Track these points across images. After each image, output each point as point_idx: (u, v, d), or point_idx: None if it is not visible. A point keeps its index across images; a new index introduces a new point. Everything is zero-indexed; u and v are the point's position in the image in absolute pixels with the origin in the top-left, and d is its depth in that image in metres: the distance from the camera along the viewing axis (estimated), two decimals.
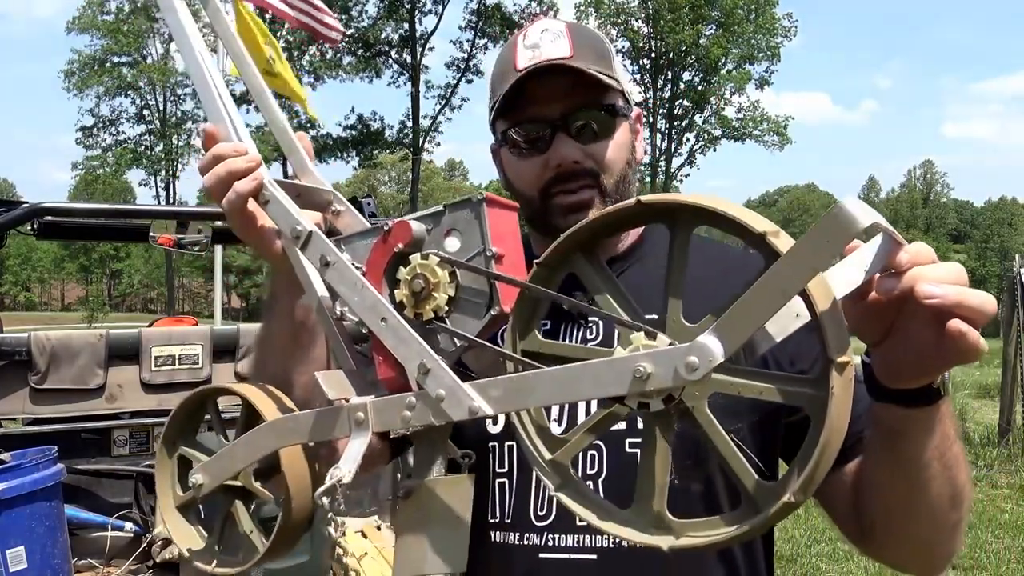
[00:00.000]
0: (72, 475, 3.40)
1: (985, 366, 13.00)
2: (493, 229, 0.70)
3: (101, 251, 69.86)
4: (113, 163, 45.32)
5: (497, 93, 1.12)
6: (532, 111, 1.10)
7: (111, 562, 3.50)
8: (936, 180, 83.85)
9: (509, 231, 0.74)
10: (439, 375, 0.69)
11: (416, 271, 0.71)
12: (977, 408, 10.06)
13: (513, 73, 1.08)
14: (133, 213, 4.59)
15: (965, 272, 0.72)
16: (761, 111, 39.01)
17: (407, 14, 35.46)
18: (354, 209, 0.88)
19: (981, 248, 76.32)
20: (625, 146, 1.14)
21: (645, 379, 0.59)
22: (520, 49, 1.10)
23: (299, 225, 0.79)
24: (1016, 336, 7.72)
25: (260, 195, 0.84)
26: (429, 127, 36.97)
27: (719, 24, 36.68)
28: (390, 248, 0.73)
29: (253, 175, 0.85)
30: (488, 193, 0.72)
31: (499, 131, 1.16)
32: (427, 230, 0.72)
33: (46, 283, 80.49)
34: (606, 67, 1.11)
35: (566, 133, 1.09)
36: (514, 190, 1.16)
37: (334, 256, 0.76)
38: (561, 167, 1.10)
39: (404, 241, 0.72)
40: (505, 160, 1.17)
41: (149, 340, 3.79)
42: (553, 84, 1.08)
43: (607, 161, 1.11)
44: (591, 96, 1.10)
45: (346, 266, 0.75)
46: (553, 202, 1.12)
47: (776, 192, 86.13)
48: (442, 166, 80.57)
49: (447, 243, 0.71)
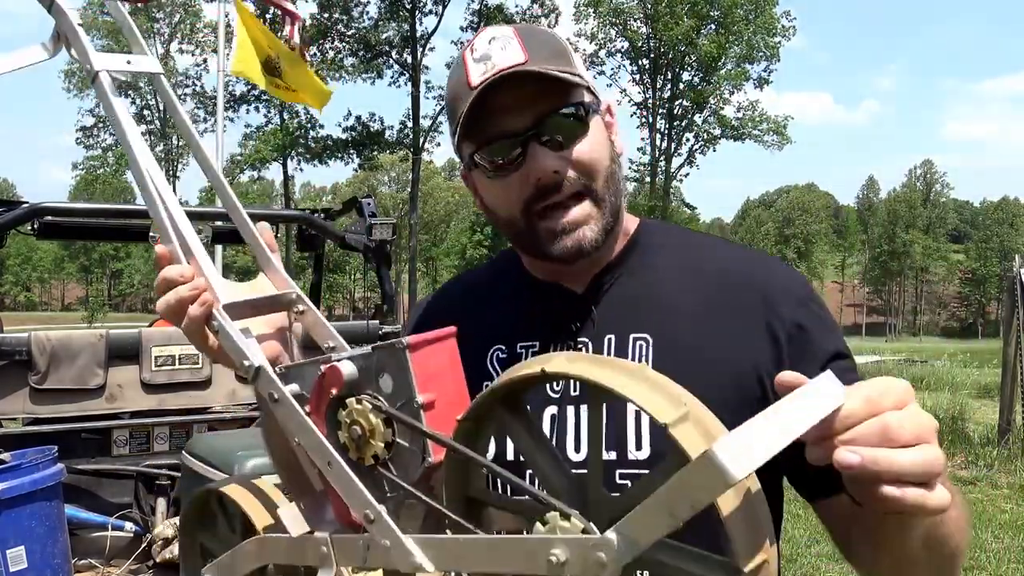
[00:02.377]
0: (72, 475, 3.40)
1: (985, 366, 13.00)
2: (420, 374, 0.69)
3: (101, 251, 69.86)
4: (113, 163, 45.34)
5: (456, 116, 1.03)
6: (497, 127, 1.02)
7: (111, 562, 3.51)
8: (936, 180, 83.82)
9: (445, 364, 0.73)
10: (383, 526, 0.68)
11: (353, 416, 0.71)
12: (977, 408, 10.05)
13: (468, 91, 1.00)
14: (133, 213, 4.59)
15: (919, 421, 0.67)
16: (760, 110, 39.04)
17: (408, 14, 35.47)
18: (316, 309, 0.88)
19: (981, 248, 76.40)
20: (603, 143, 1.07)
21: (560, 565, 0.57)
22: (470, 64, 1.02)
23: (246, 360, 0.78)
24: (1016, 336, 7.72)
25: (210, 323, 0.84)
26: (429, 127, 36.97)
27: (719, 24, 36.67)
28: (327, 392, 0.72)
29: (200, 300, 0.84)
30: (411, 338, 0.69)
31: (466, 155, 1.08)
32: (360, 369, 0.71)
33: (46, 283, 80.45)
34: (565, 64, 1.03)
35: (539, 143, 1.01)
36: (493, 215, 1.10)
37: (279, 393, 0.75)
38: (541, 180, 1.02)
39: (337, 387, 0.71)
40: (478, 185, 1.10)
41: (149, 340, 3.79)
42: (514, 94, 1.00)
43: (589, 163, 1.04)
44: (557, 98, 1.02)
45: (291, 406, 0.74)
46: (540, 225, 1.04)
47: (776, 192, 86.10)
48: (442, 166, 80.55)
49: (382, 383, 0.70)
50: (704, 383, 0.91)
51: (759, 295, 1.05)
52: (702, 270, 1.10)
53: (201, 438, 3.22)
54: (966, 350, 18.90)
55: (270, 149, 35.31)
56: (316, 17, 35.90)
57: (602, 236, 1.04)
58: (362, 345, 0.78)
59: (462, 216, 74.29)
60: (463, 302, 1.22)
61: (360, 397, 0.71)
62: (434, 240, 73.29)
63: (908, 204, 78.75)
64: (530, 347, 1.10)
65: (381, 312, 4.24)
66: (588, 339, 1.07)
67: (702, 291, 1.07)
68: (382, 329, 4.12)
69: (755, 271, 1.09)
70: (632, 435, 1.00)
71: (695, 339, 1.04)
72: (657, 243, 1.14)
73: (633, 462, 1.00)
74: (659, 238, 1.15)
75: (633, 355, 1.04)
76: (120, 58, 0.89)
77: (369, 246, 4.29)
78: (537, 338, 1.10)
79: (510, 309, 1.15)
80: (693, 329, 1.04)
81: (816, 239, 77.13)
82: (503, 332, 1.13)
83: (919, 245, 76.82)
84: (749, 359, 1.02)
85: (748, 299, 1.05)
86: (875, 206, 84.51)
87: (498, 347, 1.12)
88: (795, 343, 1.03)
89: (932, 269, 78.91)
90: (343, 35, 36.25)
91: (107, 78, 0.87)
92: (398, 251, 39.18)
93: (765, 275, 1.08)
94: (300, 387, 0.77)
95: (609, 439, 1.01)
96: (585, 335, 1.08)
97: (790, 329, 1.03)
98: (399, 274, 41.88)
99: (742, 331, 1.04)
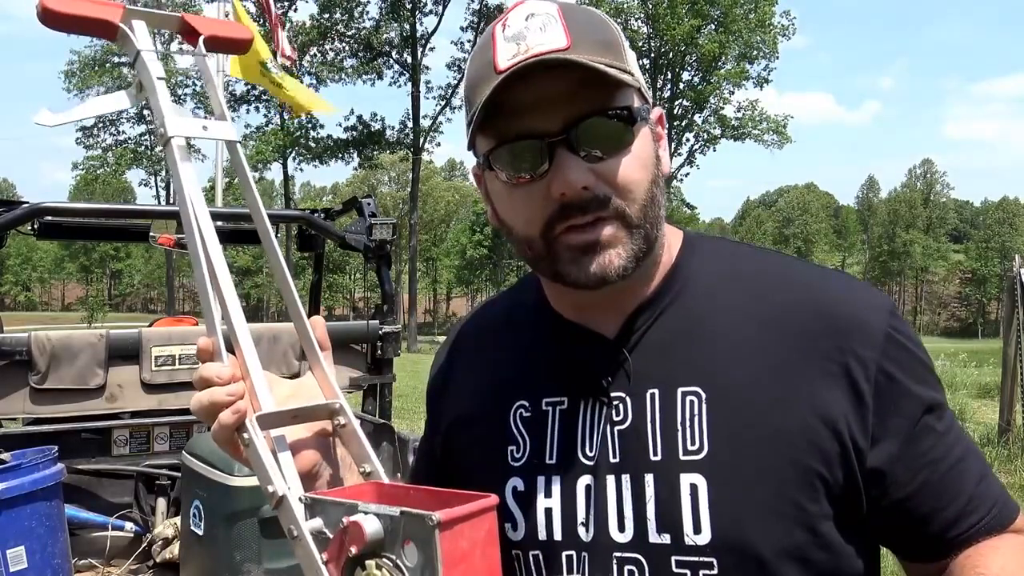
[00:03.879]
0: (72, 475, 3.40)
1: (985, 366, 12.99)
2: (448, 554, 0.63)
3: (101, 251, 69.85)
4: (113, 163, 45.32)
5: (475, 103, 0.85)
6: (523, 124, 0.83)
7: (111, 562, 3.50)
8: (936, 180, 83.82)
9: (479, 540, 0.66)
10: None
11: None
12: (977, 408, 10.04)
13: (493, 75, 0.82)
14: (133, 213, 4.60)
15: None
16: (760, 110, 39.05)
17: (408, 14, 35.47)
18: (358, 427, 0.82)
19: (981, 248, 76.34)
20: (648, 159, 0.87)
21: None
22: (500, 43, 0.84)
23: (271, 486, 0.74)
24: (1016, 336, 7.71)
25: (241, 434, 0.76)
26: (430, 127, 36.98)
27: (718, 23, 36.66)
28: (346, 548, 0.67)
29: (234, 408, 0.75)
30: (444, 514, 0.63)
31: (481, 151, 0.89)
32: (386, 531, 0.66)
33: (46, 283, 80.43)
34: (616, 57, 0.84)
35: (569, 150, 0.83)
36: (506, 227, 0.91)
37: (299, 531, 0.71)
38: (566, 196, 0.83)
39: (358, 546, 0.66)
40: (491, 188, 0.91)
41: (149, 340, 3.79)
42: (548, 86, 0.82)
43: (626, 182, 0.84)
44: (599, 98, 0.83)
45: (309, 549, 0.70)
46: (560, 242, 0.85)
47: (776, 192, 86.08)
48: (442, 166, 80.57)
49: (406, 553, 0.65)
50: (771, 445, 0.84)
51: (834, 331, 0.86)
52: (761, 299, 0.90)
53: (201, 438, 3.22)
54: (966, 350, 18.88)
55: (270, 149, 35.31)
56: (316, 17, 35.89)
57: (632, 263, 0.85)
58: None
59: (462, 216, 74.27)
60: (485, 343, 1.06)
61: (381, 562, 0.65)
62: (434, 240, 73.26)
63: (908, 204, 78.76)
64: (557, 403, 0.93)
65: (381, 312, 4.23)
66: (625, 394, 0.89)
67: (763, 328, 0.88)
68: (382, 329, 4.12)
69: (827, 298, 0.88)
70: (688, 516, 0.83)
71: (756, 391, 0.85)
72: (705, 269, 0.94)
73: (691, 547, 0.83)
74: (705, 261, 0.95)
75: (684, 414, 0.86)
76: (196, 124, 0.82)
77: (369, 246, 4.28)
78: (565, 393, 0.93)
79: (532, 355, 0.98)
80: (753, 378, 0.86)
81: (816, 239, 77.13)
82: (526, 384, 0.96)
83: (919, 245, 76.81)
84: (825, 412, 0.83)
85: (819, 337, 0.86)
86: (875, 206, 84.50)
87: (522, 403, 0.96)
88: (882, 396, 0.84)
89: (932, 269, 78.88)
90: (343, 35, 36.23)
91: (179, 143, 0.81)
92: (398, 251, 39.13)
93: (841, 304, 0.87)
94: (323, 523, 0.71)
95: (660, 519, 0.84)
96: (621, 390, 0.89)
97: (876, 377, 0.84)
98: (399, 274, 41.85)
99: (814, 377, 0.84)
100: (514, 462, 0.94)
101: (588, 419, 0.91)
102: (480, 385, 1.02)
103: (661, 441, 0.86)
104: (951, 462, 0.87)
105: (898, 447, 0.84)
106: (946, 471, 0.86)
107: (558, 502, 0.90)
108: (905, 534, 0.88)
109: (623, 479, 0.87)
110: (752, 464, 0.83)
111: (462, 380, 1.06)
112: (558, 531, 0.90)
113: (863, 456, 0.84)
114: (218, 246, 0.80)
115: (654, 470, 0.86)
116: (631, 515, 0.86)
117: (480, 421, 1.00)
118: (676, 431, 0.86)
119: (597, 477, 0.88)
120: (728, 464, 0.84)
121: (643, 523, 0.85)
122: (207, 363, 0.78)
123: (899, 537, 0.89)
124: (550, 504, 0.91)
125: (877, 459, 0.84)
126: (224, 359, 0.79)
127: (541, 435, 0.94)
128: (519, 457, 0.94)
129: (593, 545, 0.88)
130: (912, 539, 0.89)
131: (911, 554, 0.90)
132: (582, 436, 0.91)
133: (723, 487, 0.83)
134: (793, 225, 77.25)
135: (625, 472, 0.87)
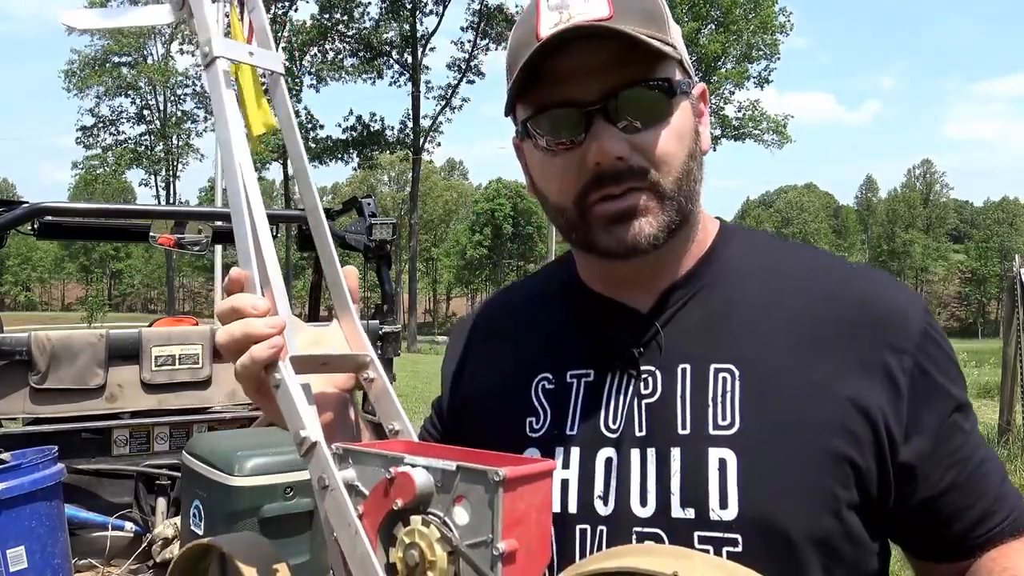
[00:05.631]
0: (72, 475, 3.40)
1: (985, 366, 12.99)
2: (508, 517, 0.58)
3: (101, 251, 69.88)
4: (113, 163, 45.33)
5: (515, 70, 0.85)
6: (561, 92, 0.84)
7: (111, 562, 3.50)
8: (936, 180, 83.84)
9: (534, 506, 0.61)
10: None
11: (414, 539, 0.61)
12: (977, 408, 10.02)
13: (534, 42, 0.82)
14: (133, 213, 4.60)
15: None
16: (760, 110, 39.04)
17: (408, 14, 35.47)
18: (387, 379, 0.78)
19: (981, 248, 76.34)
20: (685, 133, 0.87)
21: None
22: (543, 11, 0.83)
23: (303, 430, 0.69)
24: (1016, 336, 7.72)
25: (272, 372, 0.72)
26: (430, 127, 36.98)
27: (718, 23, 36.66)
28: (389, 500, 0.62)
29: (271, 342, 0.72)
30: (509, 471, 0.58)
31: (520, 119, 0.90)
32: (436, 486, 0.61)
33: (46, 283, 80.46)
34: (658, 29, 0.83)
35: (607, 120, 0.83)
36: (541, 196, 0.92)
37: (333, 482, 0.66)
38: (601, 165, 0.83)
39: (405, 499, 0.61)
40: (529, 157, 0.92)
41: (149, 340, 3.79)
42: (588, 55, 0.82)
43: (662, 154, 0.84)
44: (639, 69, 0.83)
45: (343, 500, 0.65)
46: (593, 211, 0.86)
47: (776, 192, 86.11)
48: (442, 166, 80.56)
49: (456, 512, 0.60)
50: (805, 427, 0.83)
51: (872, 323, 0.85)
52: (799, 290, 0.90)
53: (201, 438, 3.22)
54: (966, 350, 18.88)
55: (270, 149, 35.31)
56: (316, 17, 35.89)
57: (663, 233, 0.85)
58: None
59: (461, 216, 74.28)
60: (511, 318, 1.05)
61: (428, 519, 0.60)
62: (434, 240, 73.27)
63: (908, 204, 78.79)
64: (583, 376, 0.92)
65: (381, 312, 4.24)
66: (655, 368, 0.88)
67: (800, 316, 0.87)
68: (382, 329, 4.13)
69: (866, 292, 0.88)
70: (716, 490, 0.81)
71: (792, 374, 0.84)
72: (741, 254, 0.94)
73: (716, 523, 0.81)
74: (743, 248, 0.95)
75: (716, 389, 0.85)
76: (243, 48, 0.78)
77: (369, 246, 4.28)
78: (592, 365, 0.92)
79: (560, 328, 0.97)
80: (789, 360, 0.85)
81: (816, 239, 77.15)
82: (552, 357, 0.95)
83: (919, 245, 76.83)
84: (860, 397, 0.83)
85: (858, 327, 0.86)
86: (874, 206, 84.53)
87: (545, 376, 0.94)
88: (917, 389, 0.84)
89: (932, 269, 78.88)
90: (343, 35, 36.23)
91: (223, 66, 0.77)
92: (398, 251, 39.16)
93: (879, 296, 0.88)
94: (357, 476, 0.66)
95: (685, 493, 0.83)
96: (651, 363, 0.89)
97: (911, 370, 0.84)
98: (399, 274, 41.87)
99: (851, 365, 0.84)
100: (532, 433, 0.93)
101: (615, 392, 0.90)
102: (503, 360, 1.00)
103: (691, 415, 0.85)
104: (977, 462, 0.87)
105: (930, 444, 0.85)
106: (973, 470, 0.87)
107: (576, 474, 0.88)
108: (929, 532, 0.88)
109: (648, 452, 0.86)
110: (784, 444, 0.82)
111: (484, 356, 1.04)
112: (573, 503, 0.88)
113: (896, 448, 0.83)
114: (254, 176, 0.77)
115: (681, 444, 0.84)
116: (654, 489, 0.84)
117: (501, 394, 0.98)
118: (707, 406, 0.85)
119: (620, 450, 0.87)
120: (759, 441, 0.82)
121: (667, 497, 0.83)
122: (240, 293, 0.75)
123: (922, 536, 0.89)
124: (567, 475, 0.89)
125: (909, 454, 0.84)
126: (258, 293, 0.75)
127: (563, 407, 0.92)
128: (538, 428, 0.93)
129: (612, 519, 0.86)
130: (935, 538, 0.88)
131: (930, 554, 0.89)
132: (606, 409, 0.89)
133: (753, 464, 0.81)
134: (792, 225, 77.26)
135: (651, 446, 0.86)
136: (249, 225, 0.74)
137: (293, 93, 36.60)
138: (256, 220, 0.75)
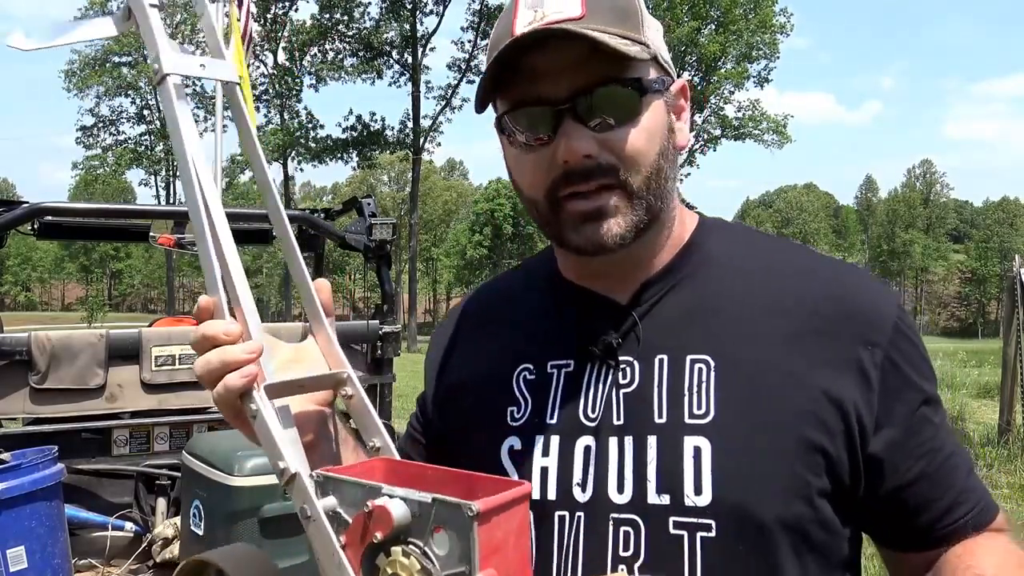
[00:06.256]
0: (72, 475, 3.40)
1: (985, 366, 12.99)
2: (485, 547, 0.59)
3: (101, 251, 69.86)
4: (113, 163, 45.33)
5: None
6: (536, 90, 0.85)
7: (111, 562, 3.50)
8: (936, 180, 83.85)
9: (512, 531, 0.62)
10: None
11: (396, 571, 0.61)
12: (977, 408, 10.04)
13: (509, 39, 0.84)
14: (133, 213, 4.60)
15: None
16: (760, 110, 39.04)
17: (408, 14, 35.47)
18: (365, 396, 0.77)
19: (981, 248, 76.35)
20: (656, 131, 0.87)
21: None
22: (521, 8, 0.85)
23: (281, 462, 0.69)
24: (1016, 336, 7.71)
25: (247, 403, 0.71)
26: (430, 127, 36.98)
27: (718, 23, 36.67)
28: (369, 532, 0.63)
29: (243, 371, 0.71)
30: (483, 504, 0.59)
31: (498, 113, 0.91)
32: (414, 516, 0.62)
33: (46, 283, 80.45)
34: (631, 28, 0.85)
35: (575, 119, 0.84)
36: (517, 188, 0.94)
37: (315, 512, 0.66)
38: (569, 163, 0.85)
39: (383, 532, 0.61)
40: (506, 151, 0.93)
41: (149, 340, 3.79)
42: (560, 54, 0.83)
43: (631, 152, 0.85)
44: (608, 68, 0.84)
45: (325, 530, 0.65)
46: (564, 209, 0.87)
47: (776, 192, 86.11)
48: (441, 166, 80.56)
49: (436, 540, 0.61)
50: (778, 416, 0.85)
51: (846, 318, 0.87)
52: (776, 282, 0.92)
53: (201, 438, 3.22)
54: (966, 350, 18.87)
55: (270, 149, 35.32)
56: (316, 17, 35.90)
57: (631, 233, 0.87)
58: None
59: (461, 216, 74.27)
60: (493, 311, 1.06)
61: (408, 549, 0.61)
62: (434, 240, 73.27)
63: (908, 204, 78.80)
64: (563, 366, 0.94)
65: (381, 312, 4.24)
66: (633, 359, 0.90)
67: (776, 308, 0.89)
68: (382, 329, 4.13)
69: (840, 286, 0.90)
70: (690, 476, 0.83)
71: (767, 365, 0.86)
72: (719, 248, 0.96)
73: (690, 508, 0.83)
74: (721, 242, 0.96)
75: (692, 380, 0.87)
76: (194, 61, 0.76)
77: (369, 246, 4.29)
78: (571, 356, 0.93)
79: (541, 320, 0.99)
80: (764, 352, 0.87)
81: (816, 239, 77.14)
82: (532, 348, 0.97)
83: (919, 245, 76.85)
84: (833, 389, 0.85)
85: (832, 321, 0.88)
86: (874, 206, 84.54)
87: (526, 367, 0.96)
88: (887, 382, 0.86)
89: (932, 269, 78.91)
90: (343, 35, 36.23)
91: (175, 82, 0.75)
92: (398, 251, 39.17)
93: (852, 293, 0.90)
94: (338, 502, 0.66)
95: (661, 479, 0.85)
96: (629, 354, 0.90)
97: (883, 364, 0.86)
98: (399, 274, 41.88)
99: (825, 358, 0.86)
100: (513, 422, 0.94)
101: (594, 382, 0.91)
102: (487, 351, 1.02)
103: (667, 404, 0.87)
104: (946, 454, 0.89)
105: (900, 435, 0.87)
106: (941, 462, 0.89)
107: (555, 462, 0.90)
108: (897, 522, 0.90)
109: (625, 441, 0.87)
110: (758, 432, 0.84)
111: (468, 347, 1.05)
112: (553, 491, 0.89)
113: (867, 438, 0.86)
114: (218, 196, 0.74)
115: (658, 432, 0.86)
116: (631, 476, 0.86)
117: (483, 384, 0.99)
118: (683, 396, 0.87)
119: (599, 438, 0.89)
120: (733, 430, 0.84)
121: (643, 484, 0.85)
122: (209, 320, 0.74)
123: (890, 525, 0.90)
124: (546, 463, 0.90)
125: (879, 444, 0.86)
126: (227, 317, 0.73)
127: (543, 396, 0.94)
128: (519, 417, 0.94)
129: (590, 506, 0.87)
130: (903, 527, 0.90)
131: (898, 543, 0.91)
132: (585, 398, 0.91)
133: (727, 451, 0.83)
134: (792, 225, 77.26)
135: (628, 434, 0.87)
136: (212, 246, 0.72)
137: (293, 93, 36.65)
138: (220, 237, 0.73)
